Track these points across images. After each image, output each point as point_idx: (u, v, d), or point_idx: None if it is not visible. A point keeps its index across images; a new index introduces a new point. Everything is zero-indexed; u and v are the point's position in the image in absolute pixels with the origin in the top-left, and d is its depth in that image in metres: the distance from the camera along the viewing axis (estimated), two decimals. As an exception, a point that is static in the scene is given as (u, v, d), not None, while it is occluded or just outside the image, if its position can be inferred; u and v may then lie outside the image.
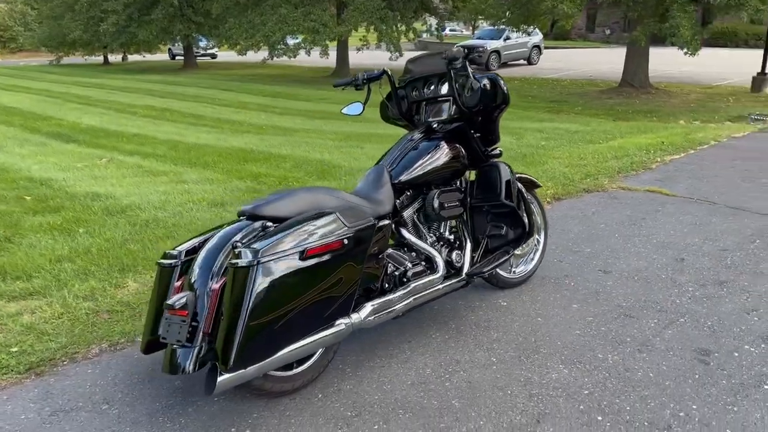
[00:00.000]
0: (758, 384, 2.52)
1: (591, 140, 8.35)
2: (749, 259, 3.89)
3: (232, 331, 2.05)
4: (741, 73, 18.79)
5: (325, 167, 6.72)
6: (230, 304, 2.07)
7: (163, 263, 2.43)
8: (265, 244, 2.13)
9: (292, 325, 2.18)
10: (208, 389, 2.08)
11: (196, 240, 2.48)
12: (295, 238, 2.18)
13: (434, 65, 3.10)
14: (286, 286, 2.15)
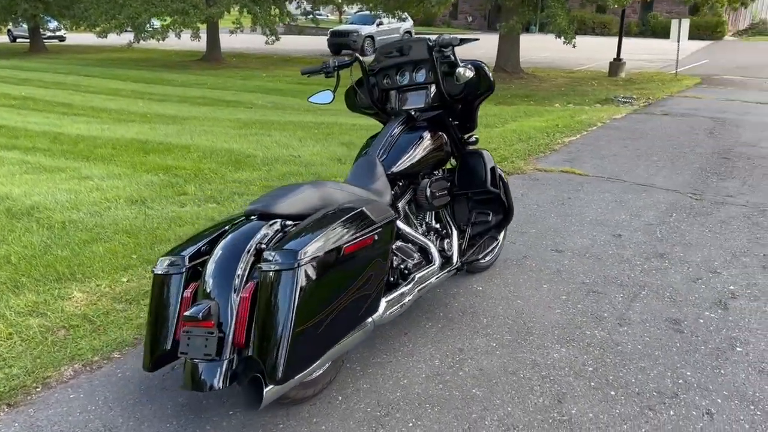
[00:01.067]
0: (731, 347, 2.77)
1: (487, 124, 8.66)
2: (675, 231, 4.24)
3: (278, 340, 1.91)
4: (595, 58, 20.35)
5: (239, 157, 6.43)
6: (271, 311, 1.93)
7: (162, 271, 2.21)
8: (301, 244, 1.99)
9: (332, 328, 2.07)
10: (253, 404, 1.94)
11: (197, 244, 2.28)
12: (331, 236, 2.07)
13: (414, 52, 3.05)
14: (327, 287, 2.04)
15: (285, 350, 1.90)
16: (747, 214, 4.65)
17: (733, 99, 11.01)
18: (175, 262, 2.21)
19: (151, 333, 2.19)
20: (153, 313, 2.21)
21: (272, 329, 1.92)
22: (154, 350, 2.17)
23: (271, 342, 1.91)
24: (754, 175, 5.80)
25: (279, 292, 1.94)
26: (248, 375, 1.99)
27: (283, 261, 1.96)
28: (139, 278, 3.40)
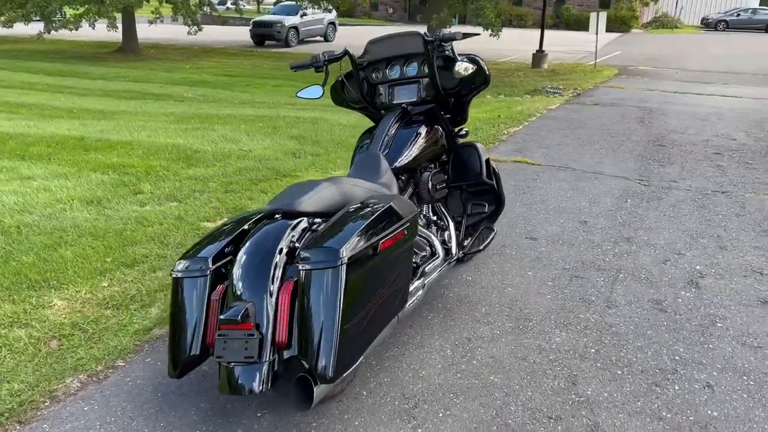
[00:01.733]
0: (712, 323, 2.97)
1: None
2: (633, 216, 4.47)
3: (326, 339, 1.89)
4: (517, 50, 20.94)
5: (187, 153, 6.23)
6: (316, 310, 1.91)
7: (183, 274, 2.14)
8: (341, 242, 1.98)
9: (372, 323, 2.08)
10: (302, 404, 1.92)
11: (216, 245, 2.21)
12: (367, 233, 2.06)
13: (405, 46, 3.06)
14: (367, 283, 2.04)
15: (334, 348, 1.89)
16: (692, 197, 4.96)
17: (653, 89, 11.64)
18: (197, 265, 2.15)
19: (176, 339, 2.12)
20: (176, 318, 2.13)
21: (319, 328, 1.90)
22: (180, 356, 2.10)
23: (320, 341, 1.90)
24: (689, 161, 6.18)
25: (323, 290, 1.92)
26: (291, 375, 1.97)
27: (325, 259, 1.94)
28: (120, 282, 3.26)
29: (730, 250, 3.88)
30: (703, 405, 2.35)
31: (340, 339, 1.90)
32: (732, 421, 2.26)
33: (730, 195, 5.05)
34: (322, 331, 1.90)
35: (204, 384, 2.40)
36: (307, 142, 6.87)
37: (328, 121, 8.17)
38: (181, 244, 3.79)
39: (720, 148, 6.73)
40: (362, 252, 2.01)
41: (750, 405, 2.35)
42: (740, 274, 3.51)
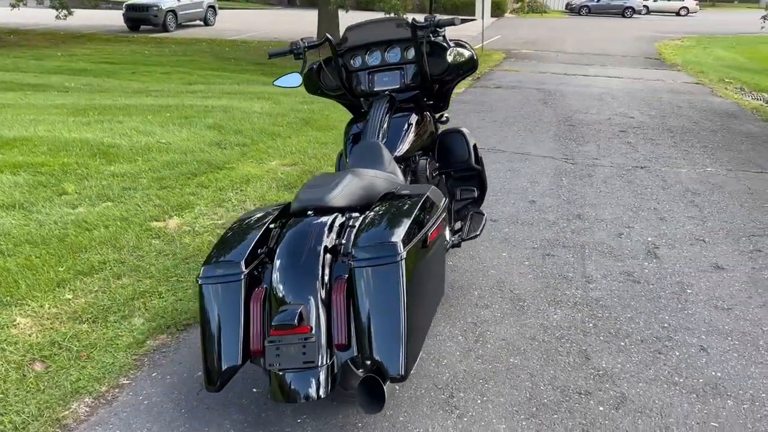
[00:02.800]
0: (683, 290, 3.20)
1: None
2: (573, 194, 4.71)
3: (394, 336, 1.84)
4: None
5: (101, 148, 5.76)
6: (379, 307, 1.85)
7: (213, 281, 2.00)
8: (395, 236, 1.92)
9: (426, 315, 2.05)
10: (374, 405, 1.85)
11: (242, 247, 2.07)
12: (415, 225, 2.02)
13: (387, 32, 3.00)
14: (422, 275, 2.00)
15: (403, 345, 1.84)
16: (617, 174, 5.29)
17: (543, 71, 12.23)
18: (229, 269, 2.00)
19: (213, 350, 1.97)
20: (210, 328, 1.99)
21: (385, 325, 1.85)
22: (219, 368, 1.96)
23: (387, 339, 1.84)
24: (601, 139, 6.57)
25: (384, 287, 1.87)
26: (350, 378, 1.90)
27: (383, 255, 1.88)
28: (86, 293, 2.99)
29: (669, 221, 4.18)
30: (706, 367, 2.53)
31: (407, 334, 1.86)
32: (735, 379, 2.46)
33: (648, 170, 5.43)
34: (388, 329, 1.85)
35: (227, 394, 2.25)
36: (228, 131, 6.58)
37: (240, 110, 7.86)
38: (137, 247, 3.52)
39: (623, 126, 7.21)
40: (416, 244, 1.97)
41: (743, 363, 2.56)
42: (687, 243, 3.80)
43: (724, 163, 5.73)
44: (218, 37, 19.96)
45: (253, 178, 4.83)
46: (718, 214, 4.31)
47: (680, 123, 7.48)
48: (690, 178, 5.20)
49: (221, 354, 1.97)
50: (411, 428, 2.12)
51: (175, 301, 2.92)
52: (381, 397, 1.83)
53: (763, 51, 18.61)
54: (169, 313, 2.81)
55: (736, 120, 7.88)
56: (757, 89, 11.63)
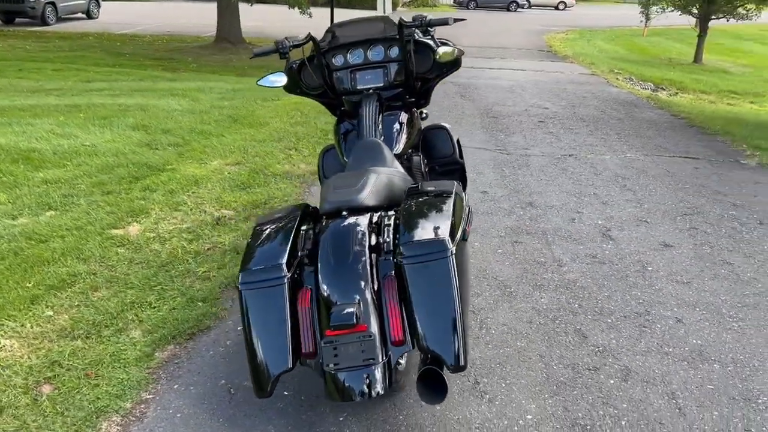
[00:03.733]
0: (644, 268, 3.48)
1: (265, 98, 8.59)
2: (518, 183, 4.95)
3: (452, 329, 1.90)
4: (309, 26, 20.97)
5: (21, 153, 5.34)
6: (435, 301, 1.91)
7: (256, 286, 1.98)
8: (442, 232, 1.99)
9: (467, 306, 2.12)
10: (436, 397, 1.90)
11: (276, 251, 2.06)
12: (455, 220, 2.09)
13: (371, 31, 3.04)
14: (465, 270, 2.08)
15: (460, 336, 1.91)
16: (550, 162, 5.61)
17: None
18: (271, 274, 1.99)
19: (261, 356, 1.96)
20: (257, 334, 1.96)
21: (442, 319, 1.91)
22: (270, 374, 1.95)
23: (445, 331, 1.91)
24: (525, 130, 6.91)
25: (437, 281, 1.93)
26: (403, 372, 1.96)
27: (433, 251, 1.94)
28: (67, 308, 2.83)
29: (611, 204, 4.50)
30: (687, 337, 2.79)
31: (463, 326, 1.93)
32: (713, 345, 2.73)
33: (576, 158, 5.79)
34: (444, 321, 1.91)
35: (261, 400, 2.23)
36: (155, 131, 6.31)
37: (159, 108, 7.54)
38: (104, 257, 3.36)
39: (541, 117, 7.61)
40: (460, 239, 2.04)
41: (716, 330, 2.85)
42: (633, 225, 4.13)
43: (639, 148, 6.21)
44: (105, 31, 18.84)
45: (200, 180, 4.70)
46: (651, 197, 4.69)
47: (589, 112, 8.00)
48: (615, 164, 5.60)
49: (271, 359, 1.96)
50: (450, 417, 2.21)
51: (171, 311, 2.83)
52: (441, 389, 1.90)
53: (638, 43, 20.12)
54: (169, 323, 2.72)
55: (636, 108, 8.52)
56: (643, 79, 12.61)
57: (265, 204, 4.20)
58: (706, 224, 4.15)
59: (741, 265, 3.53)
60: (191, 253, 3.45)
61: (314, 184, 4.74)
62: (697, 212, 4.39)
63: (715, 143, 6.62)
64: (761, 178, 5.36)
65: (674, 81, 12.59)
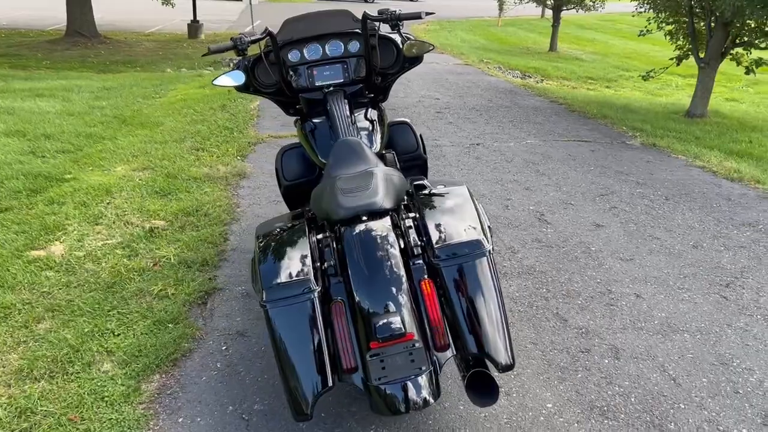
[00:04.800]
0: (588, 248, 3.67)
1: (146, 95, 8.05)
2: (441, 173, 5.03)
3: (498, 328, 1.88)
4: (162, 20, 19.86)
5: None
6: (478, 301, 1.89)
7: (286, 303, 1.84)
8: (475, 232, 1.96)
9: None
10: (487, 398, 1.87)
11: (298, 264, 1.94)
12: (480, 219, 2.06)
13: (330, 25, 2.91)
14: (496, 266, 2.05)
15: (506, 335, 1.90)
16: (462, 152, 5.75)
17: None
18: (298, 288, 1.86)
19: (298, 376, 1.83)
20: (291, 353, 1.83)
21: (487, 319, 1.89)
22: (310, 395, 1.82)
23: (492, 330, 1.88)
24: (427, 121, 7.02)
25: (478, 281, 1.90)
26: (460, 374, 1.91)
27: (472, 252, 1.91)
28: (13, 347, 2.48)
29: (534, 190, 4.70)
30: (652, 310, 2.98)
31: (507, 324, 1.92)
32: (676, 316, 2.94)
33: (485, 146, 5.99)
34: (490, 321, 1.89)
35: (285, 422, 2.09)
36: (35, 137, 5.67)
37: (28, 111, 6.80)
38: (34, 283, 2.98)
39: (436, 107, 7.77)
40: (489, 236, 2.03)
41: (673, 302, 3.07)
42: (561, 208, 4.34)
43: (536, 134, 6.54)
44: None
45: (111, 188, 4.30)
46: (565, 180, 4.95)
47: (479, 102, 8.29)
48: (521, 150, 5.85)
49: (311, 379, 1.83)
50: (477, 415, 2.19)
51: (141, 337, 2.56)
52: (490, 390, 1.87)
53: (495, 33, 21.18)
54: (146, 350, 2.46)
55: (518, 96, 8.96)
56: (510, 67, 13.30)
57: (197, 211, 3.92)
58: (623, 203, 4.46)
59: (667, 239, 3.83)
60: (136, 270, 3.14)
61: (240, 186, 4.51)
62: (610, 192, 4.70)
63: (598, 126, 7.12)
64: (649, 156, 5.85)
65: (538, 69, 13.40)
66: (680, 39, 8.62)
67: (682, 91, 11.87)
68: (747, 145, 6.69)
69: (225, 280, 3.12)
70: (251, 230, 3.73)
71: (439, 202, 2.17)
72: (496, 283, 1.93)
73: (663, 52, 16.06)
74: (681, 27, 8.44)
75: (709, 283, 3.26)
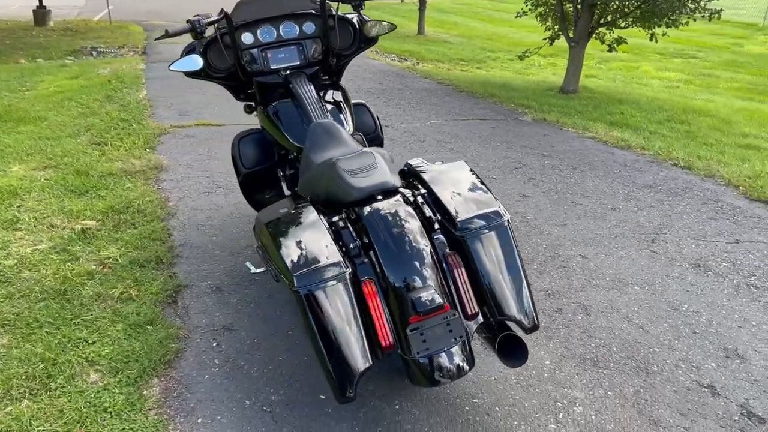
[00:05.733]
0: (525, 218, 3.90)
1: (11, 89, 7.34)
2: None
3: (523, 292, 1.99)
4: None
5: None
6: (503, 268, 1.98)
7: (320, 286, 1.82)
8: (493, 201, 2.05)
9: None
10: (517, 361, 1.96)
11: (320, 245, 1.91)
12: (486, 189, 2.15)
13: (284, 6, 2.84)
14: None
15: (530, 297, 2.00)
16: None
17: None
18: (330, 271, 1.84)
19: (339, 358, 1.82)
20: (327, 337, 1.81)
21: (512, 284, 1.98)
22: (352, 375, 1.83)
23: (518, 295, 1.98)
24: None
25: (502, 248, 1.99)
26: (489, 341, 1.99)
27: (493, 220, 2.00)
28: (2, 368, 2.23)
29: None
30: (599, 269, 3.24)
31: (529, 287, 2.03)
32: (622, 271, 3.22)
33: (393, 127, 6.09)
34: (516, 286, 1.99)
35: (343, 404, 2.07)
36: None
37: None
38: (-30, 297, 2.67)
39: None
40: None
41: (615, 259, 3.36)
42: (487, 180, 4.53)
43: (436, 115, 6.75)
44: None
45: (16, 191, 3.91)
46: (481, 157, 5.18)
47: (371, 85, 8.38)
48: (429, 130, 6.02)
49: (352, 360, 1.83)
50: (486, 378, 2.29)
51: (122, 342, 2.39)
52: (520, 352, 1.97)
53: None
54: (134, 356, 2.30)
55: (407, 79, 9.16)
56: (386, 51, 13.52)
57: (128, 209, 3.68)
58: (537, 174, 4.75)
59: (588, 204, 4.15)
60: (83, 274, 2.91)
61: (162, 180, 4.27)
62: (522, 165, 4.99)
63: (489, 105, 7.47)
64: (544, 130, 6.25)
65: (412, 52, 13.72)
66: (549, 20, 9.22)
67: (546, 70, 12.71)
68: (620, 116, 7.32)
69: (187, 276, 2.97)
70: (192, 224, 3.57)
71: (445, 177, 2.22)
72: (517, 249, 2.03)
73: (520, 34, 17.15)
74: (551, 9, 9.02)
75: (637, 241, 3.59)
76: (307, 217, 2.05)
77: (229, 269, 3.05)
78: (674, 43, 15.49)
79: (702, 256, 3.40)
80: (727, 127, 6.90)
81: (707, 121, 7.12)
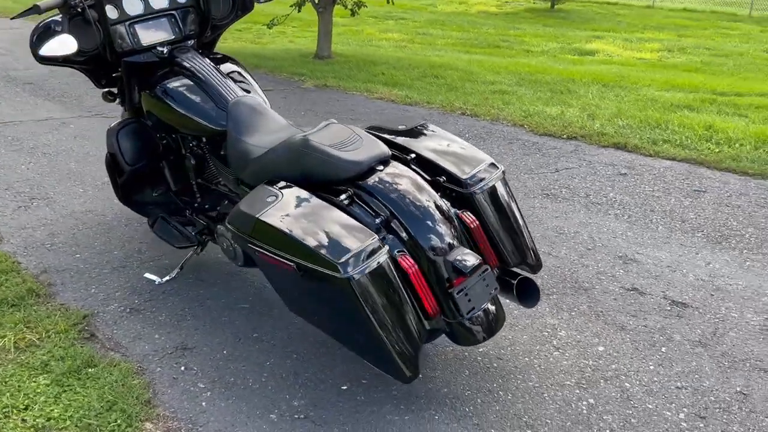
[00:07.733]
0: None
1: None
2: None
3: (527, 235, 2.11)
4: None
5: None
6: (513, 216, 2.07)
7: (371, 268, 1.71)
8: (483, 157, 2.10)
9: None
10: (531, 302, 2.06)
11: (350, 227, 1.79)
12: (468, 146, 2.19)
13: None
14: None
15: (531, 238, 2.12)
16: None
17: None
18: (373, 251, 1.74)
19: (398, 336, 1.75)
20: (381, 317, 1.72)
21: (519, 230, 2.09)
22: (414, 349, 1.78)
23: (525, 240, 2.09)
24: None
25: (506, 199, 2.08)
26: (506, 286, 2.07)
27: (491, 175, 2.05)
28: None
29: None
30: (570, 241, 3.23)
31: None
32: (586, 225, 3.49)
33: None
34: (522, 233, 2.10)
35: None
36: None
37: None
38: None
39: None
40: None
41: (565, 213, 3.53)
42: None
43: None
44: None
45: None
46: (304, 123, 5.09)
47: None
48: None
49: (412, 336, 1.77)
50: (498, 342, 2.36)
51: (71, 396, 1.93)
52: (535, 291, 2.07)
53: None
54: (102, 405, 1.88)
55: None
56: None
57: None
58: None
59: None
60: None
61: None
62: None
63: (263, 76, 7.25)
64: (334, 95, 6.34)
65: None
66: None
67: (283, 38, 12.73)
68: (384, 76, 7.69)
69: (81, 304, 2.47)
70: (35, 246, 2.96)
71: (424, 139, 2.20)
72: (514, 197, 2.12)
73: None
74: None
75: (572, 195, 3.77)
76: (311, 201, 1.87)
77: (128, 286, 2.60)
78: (380, 7, 16.70)
79: (543, 186, 3.85)
80: (474, 77, 7.69)
81: (455, 74, 7.83)
